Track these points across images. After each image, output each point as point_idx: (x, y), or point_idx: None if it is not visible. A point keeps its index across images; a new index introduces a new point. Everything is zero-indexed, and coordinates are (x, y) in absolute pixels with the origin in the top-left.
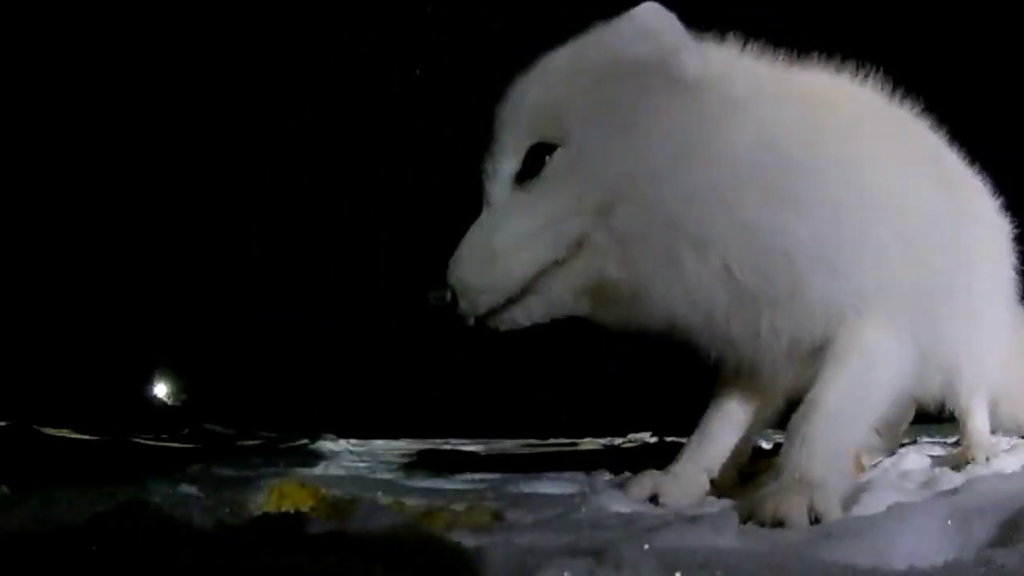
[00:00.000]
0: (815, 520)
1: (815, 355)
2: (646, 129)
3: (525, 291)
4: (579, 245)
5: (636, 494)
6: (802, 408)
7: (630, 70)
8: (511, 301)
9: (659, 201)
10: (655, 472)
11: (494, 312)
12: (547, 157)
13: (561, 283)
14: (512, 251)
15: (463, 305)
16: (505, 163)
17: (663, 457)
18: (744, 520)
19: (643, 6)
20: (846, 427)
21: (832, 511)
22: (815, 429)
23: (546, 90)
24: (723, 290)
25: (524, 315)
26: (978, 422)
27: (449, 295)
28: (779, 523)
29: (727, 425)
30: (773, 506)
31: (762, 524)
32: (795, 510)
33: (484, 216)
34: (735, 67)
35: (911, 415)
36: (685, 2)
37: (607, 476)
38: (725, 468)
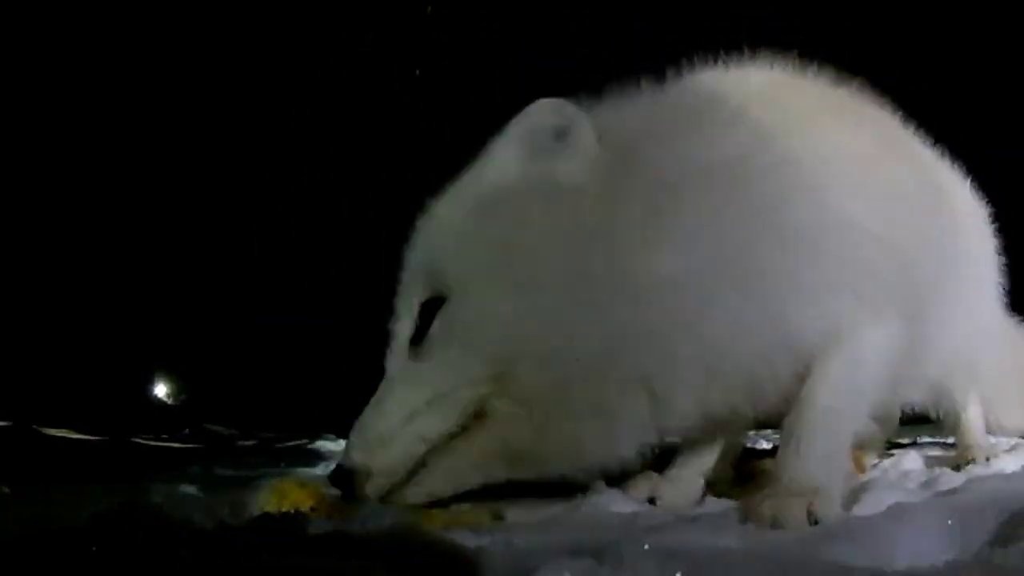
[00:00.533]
0: (814, 523)
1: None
2: (534, 266)
3: (418, 468)
4: (477, 415)
5: (633, 496)
6: (795, 408)
7: (507, 197)
8: (408, 479)
9: (566, 351)
10: (652, 474)
11: (393, 492)
12: (435, 311)
13: (459, 457)
14: (398, 431)
15: (356, 490)
16: (401, 326)
17: (663, 457)
18: (743, 522)
19: (528, 110)
20: (840, 424)
21: (831, 513)
22: (809, 430)
23: (430, 238)
24: (690, 400)
25: (425, 493)
26: (973, 423)
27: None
28: (778, 526)
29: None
30: (771, 510)
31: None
32: (794, 514)
33: (378, 391)
34: (643, 143)
35: (897, 412)
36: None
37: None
38: (719, 468)
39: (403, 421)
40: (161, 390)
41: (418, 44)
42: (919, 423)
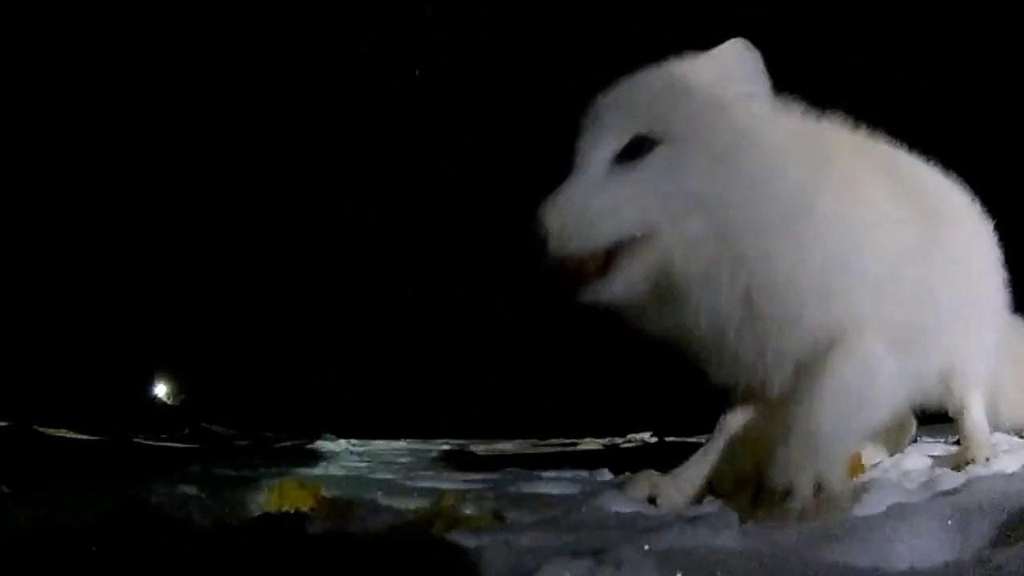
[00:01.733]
0: (819, 490)
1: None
2: (732, 159)
3: (608, 261)
4: (651, 234)
5: (633, 495)
6: (798, 407)
7: (725, 103)
8: (597, 269)
9: (725, 221)
10: (653, 473)
11: (583, 277)
12: (644, 148)
13: (637, 260)
14: (603, 212)
15: (552, 244)
16: (607, 142)
17: (663, 457)
18: (754, 504)
19: (732, 44)
20: (835, 448)
21: (836, 483)
22: (813, 424)
23: (660, 94)
24: (741, 310)
25: (607, 287)
26: (976, 421)
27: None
28: (788, 494)
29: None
30: (783, 478)
31: (772, 497)
32: (802, 483)
33: (580, 178)
34: (782, 117)
35: (912, 425)
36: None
37: (607, 476)
38: (722, 472)
39: (607, 208)
40: (161, 390)
41: (418, 44)
42: (920, 423)
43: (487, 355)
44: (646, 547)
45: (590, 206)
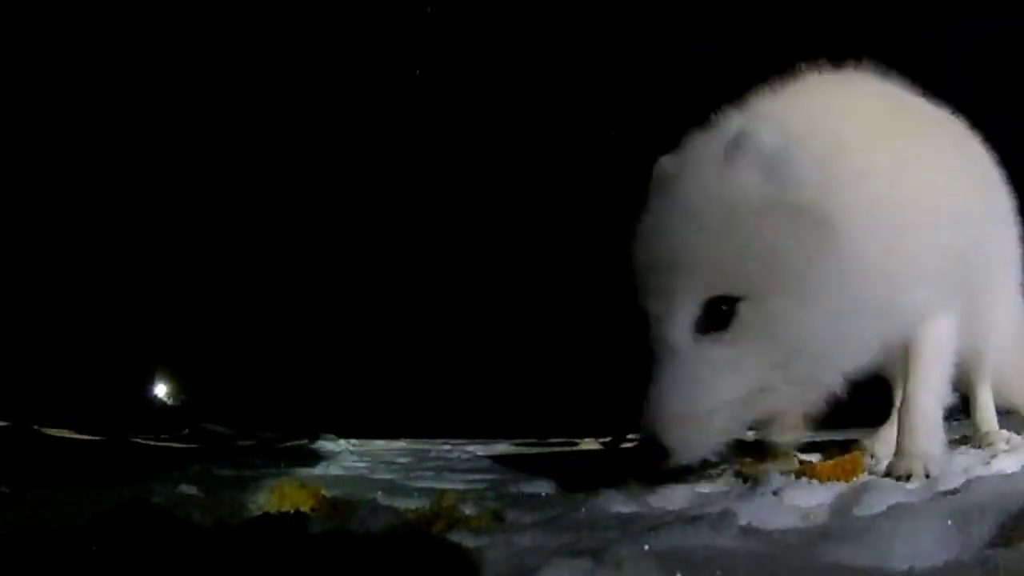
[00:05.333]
0: (926, 476)
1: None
2: (810, 282)
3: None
4: (761, 391)
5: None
6: (904, 403)
7: (762, 216)
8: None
9: (826, 353)
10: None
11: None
12: (725, 308)
13: (746, 414)
14: (717, 410)
15: (678, 458)
16: (683, 311)
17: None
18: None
19: (756, 135)
20: (936, 403)
21: (936, 471)
22: (917, 414)
23: (718, 242)
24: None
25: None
26: (987, 406)
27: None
28: (907, 477)
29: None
30: (903, 468)
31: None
32: (917, 470)
33: (674, 365)
34: (829, 177)
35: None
36: None
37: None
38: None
39: (721, 404)
40: (161, 390)
41: (418, 44)
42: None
43: (487, 355)
44: (646, 547)
45: (703, 411)
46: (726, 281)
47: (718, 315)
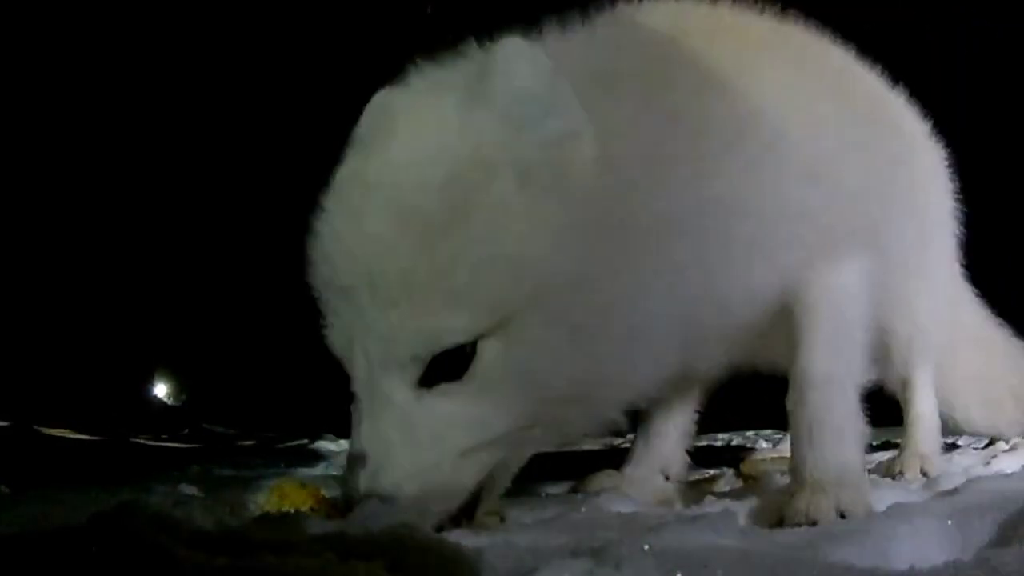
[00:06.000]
0: (842, 516)
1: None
2: (586, 296)
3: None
4: (525, 435)
5: (589, 490)
6: (795, 386)
7: (536, 190)
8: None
9: (607, 393)
10: (612, 472)
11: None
12: (458, 358)
13: (501, 475)
14: (455, 471)
15: (413, 519)
16: (394, 359)
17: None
18: (775, 524)
19: (510, 68)
20: (843, 388)
21: (860, 508)
22: (812, 410)
23: (445, 246)
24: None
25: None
26: (923, 412)
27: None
28: (813, 523)
29: (671, 418)
30: (803, 507)
31: (797, 525)
32: (823, 510)
33: (391, 419)
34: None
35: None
36: None
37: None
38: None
39: (460, 462)
40: (161, 390)
41: (418, 44)
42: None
43: None
44: (646, 547)
45: (443, 467)
46: (457, 317)
47: (447, 359)
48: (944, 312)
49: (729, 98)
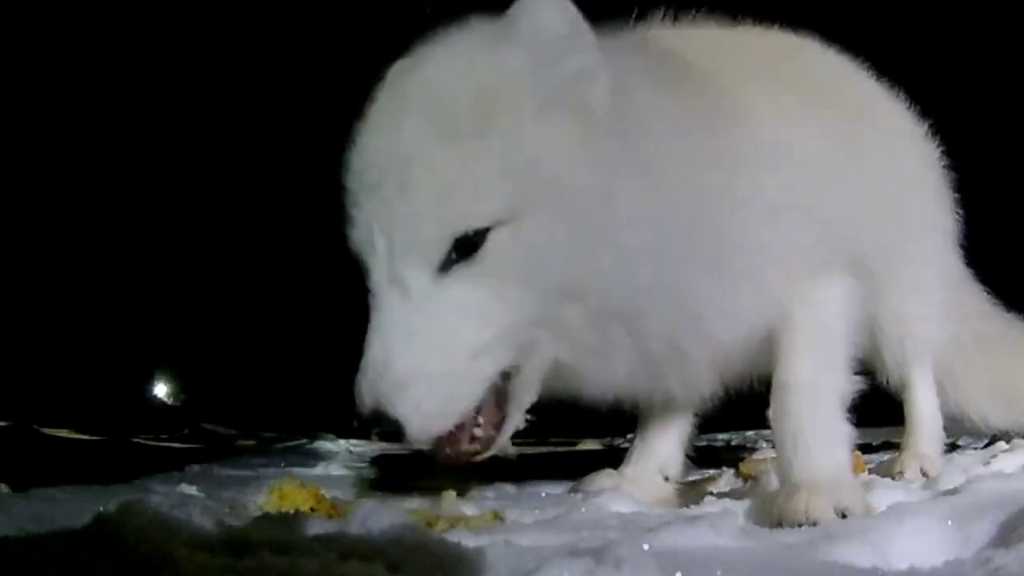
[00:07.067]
0: (842, 516)
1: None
2: (584, 197)
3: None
4: (528, 354)
5: (589, 489)
6: (776, 396)
7: (535, 117)
8: (479, 424)
9: (609, 299)
10: (613, 473)
11: (464, 444)
12: (474, 236)
13: (521, 390)
14: (464, 367)
15: (412, 435)
16: (418, 242)
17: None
18: (775, 524)
19: (536, 9)
20: (825, 396)
21: (858, 505)
22: (797, 417)
23: (468, 148)
24: (669, 352)
25: (502, 437)
26: (924, 409)
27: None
28: (813, 523)
29: (670, 418)
30: (803, 507)
31: (797, 525)
32: (823, 510)
33: (406, 312)
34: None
35: None
36: None
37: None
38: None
39: (468, 359)
40: (161, 390)
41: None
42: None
43: None
44: (646, 547)
45: (443, 370)
46: (477, 202)
47: (463, 244)
48: (941, 311)
49: (726, 118)
